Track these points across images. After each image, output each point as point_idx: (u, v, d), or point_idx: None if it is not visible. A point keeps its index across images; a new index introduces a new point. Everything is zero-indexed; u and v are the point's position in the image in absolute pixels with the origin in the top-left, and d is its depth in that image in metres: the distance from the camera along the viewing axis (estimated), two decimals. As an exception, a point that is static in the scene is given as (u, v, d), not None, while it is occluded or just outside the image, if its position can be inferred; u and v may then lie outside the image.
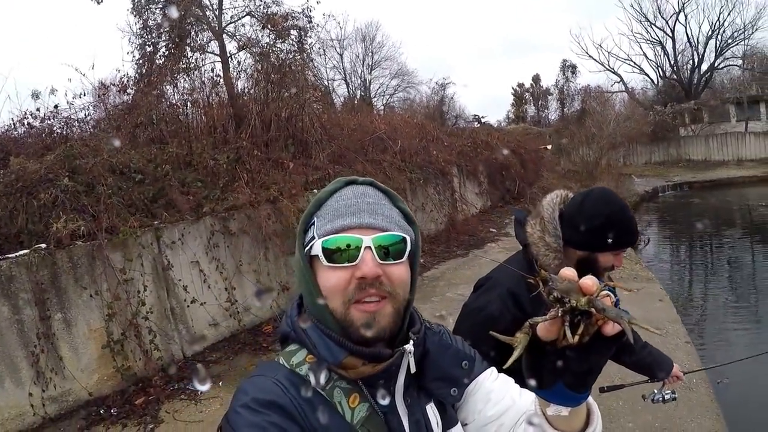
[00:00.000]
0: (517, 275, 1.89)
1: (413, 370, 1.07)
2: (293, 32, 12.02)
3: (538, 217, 2.01)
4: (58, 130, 8.12)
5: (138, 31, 12.32)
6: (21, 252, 5.19)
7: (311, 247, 1.05)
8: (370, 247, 1.01)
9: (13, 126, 8.14)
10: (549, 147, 22.41)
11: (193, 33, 11.91)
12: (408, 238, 1.06)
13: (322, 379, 1.00)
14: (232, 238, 6.86)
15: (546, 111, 56.52)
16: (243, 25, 12.83)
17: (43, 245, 5.31)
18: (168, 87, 10.04)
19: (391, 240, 1.03)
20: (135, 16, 12.39)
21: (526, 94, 57.12)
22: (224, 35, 12.28)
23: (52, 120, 8.21)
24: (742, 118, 31.54)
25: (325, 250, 1.02)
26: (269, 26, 11.39)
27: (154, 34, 12.12)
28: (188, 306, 6.25)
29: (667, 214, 18.69)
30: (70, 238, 5.41)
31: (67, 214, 5.54)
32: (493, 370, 1.25)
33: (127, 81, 10.11)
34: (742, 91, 32.72)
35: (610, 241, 1.83)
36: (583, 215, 1.93)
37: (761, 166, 24.97)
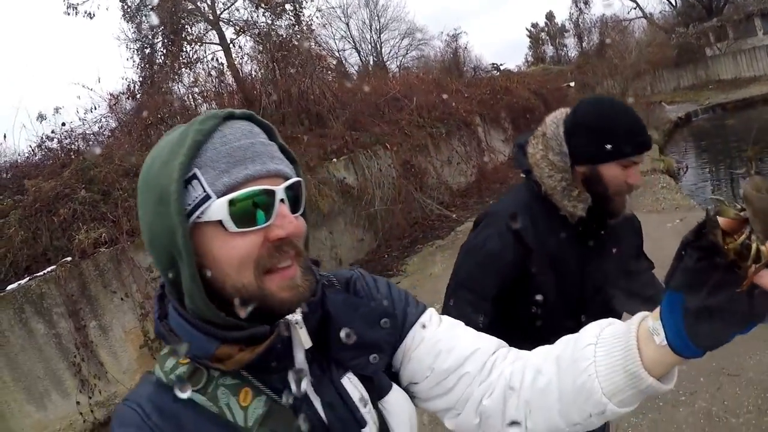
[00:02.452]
0: (516, 207, 1.68)
1: (306, 344, 0.85)
2: (288, 6, 11.75)
3: (541, 136, 1.75)
4: (75, 147, 8.20)
5: (133, 36, 12.36)
6: (48, 269, 5.23)
7: (204, 211, 0.77)
8: (283, 200, 0.80)
9: (33, 152, 8.29)
10: (572, 84, 21.67)
11: (188, 26, 11.76)
12: (302, 183, 0.87)
13: (199, 381, 0.80)
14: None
15: (564, 49, 54.89)
16: (237, 9, 12.66)
17: (69, 258, 5.35)
18: (173, 84, 10.08)
19: (295, 188, 0.83)
20: (128, 22, 12.48)
21: (542, 33, 55.53)
22: (220, 23, 12.10)
23: (69, 138, 8.35)
24: (768, 30, 30.05)
25: (235, 211, 0.77)
26: (262, 4, 11.16)
27: (149, 36, 12.08)
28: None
29: (702, 138, 17.93)
30: (94, 247, 5.46)
31: (87, 225, 5.63)
32: (432, 313, 1.04)
33: (134, 86, 10.20)
34: (767, 1, 31.11)
35: (608, 148, 1.57)
36: (577, 123, 1.68)
37: None
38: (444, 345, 0.97)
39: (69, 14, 11.91)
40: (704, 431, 3.16)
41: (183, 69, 10.53)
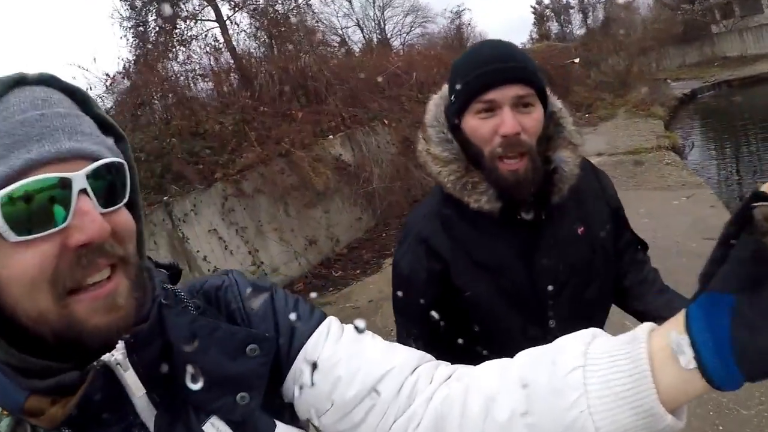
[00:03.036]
0: (427, 214, 1.37)
1: (137, 392, 0.65)
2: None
3: (421, 126, 1.41)
4: None
5: (127, 14, 12.11)
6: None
7: None
8: (85, 190, 0.59)
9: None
10: (577, 60, 21.39)
11: (182, 2, 11.53)
12: (126, 165, 0.66)
13: None
14: (247, 200, 6.59)
15: (570, 26, 54.36)
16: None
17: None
18: (168, 62, 9.89)
19: (109, 172, 0.62)
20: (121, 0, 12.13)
21: (546, 10, 55.05)
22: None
23: None
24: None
25: (12, 213, 0.56)
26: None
27: (143, 13, 11.87)
28: (213, 276, 6.08)
29: (708, 115, 17.67)
30: None
31: None
32: (331, 324, 0.80)
33: (129, 66, 10.02)
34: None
35: (458, 88, 1.23)
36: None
37: None
38: (345, 368, 0.74)
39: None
40: (714, 423, 2.98)
41: (178, 47, 10.32)
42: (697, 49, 30.30)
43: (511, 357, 0.70)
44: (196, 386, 0.66)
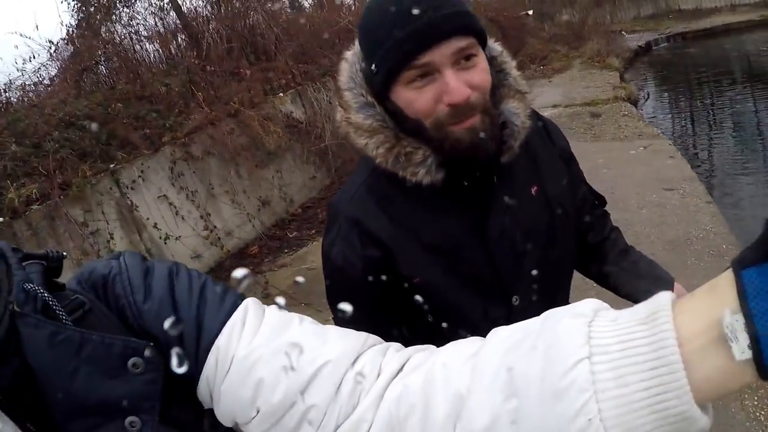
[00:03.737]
0: (356, 193, 1.14)
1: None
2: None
3: (336, 91, 1.21)
4: (11, 100, 7.76)
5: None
6: (-24, 232, 4.94)
7: None
8: None
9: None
10: (530, 12, 21.31)
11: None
12: None
13: None
14: (197, 163, 6.42)
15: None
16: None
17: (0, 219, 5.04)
18: (111, 25, 9.52)
19: None
20: (56, -40, 11.53)
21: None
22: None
23: (9, 91, 7.86)
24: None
25: None
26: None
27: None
28: (165, 243, 5.94)
29: (662, 67, 17.81)
30: (26, 205, 5.14)
31: (18, 182, 5.30)
32: (249, 308, 0.66)
33: (72, 31, 9.60)
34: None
35: (379, 54, 1.00)
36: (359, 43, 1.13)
37: (757, 10, 23.51)
38: (267, 367, 0.61)
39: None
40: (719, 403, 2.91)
41: (121, 8, 9.90)
42: (652, 1, 30.48)
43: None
44: (63, 414, 0.54)
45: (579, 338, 0.45)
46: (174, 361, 0.59)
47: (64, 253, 0.68)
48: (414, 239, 1.10)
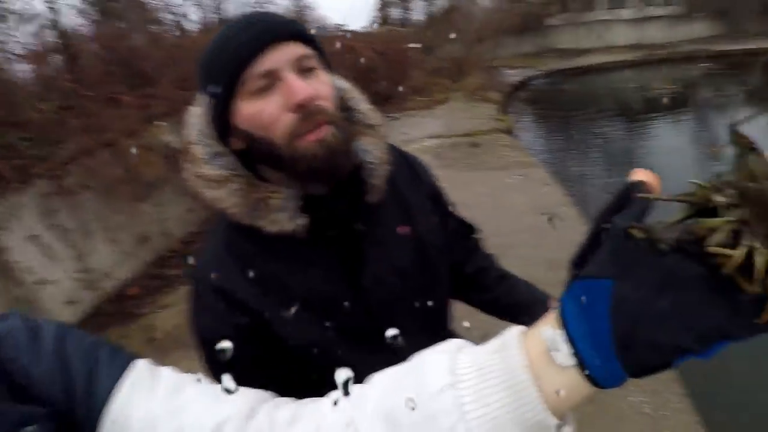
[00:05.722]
0: (214, 256, 1.03)
1: None
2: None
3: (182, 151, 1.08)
4: None
5: None
6: None
7: None
8: None
9: None
10: (418, 45, 22.13)
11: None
12: None
13: None
14: (72, 198, 5.99)
15: (411, 11, 56.53)
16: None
17: None
18: None
19: None
20: None
21: (390, -5, 56.37)
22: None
23: None
24: (609, 6, 32.73)
25: None
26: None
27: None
28: (37, 289, 5.46)
29: (540, 101, 19.14)
30: None
31: None
32: (140, 371, 0.63)
33: None
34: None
35: (216, 74, 0.93)
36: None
37: (630, 52, 26.22)
38: (165, 429, 0.60)
39: None
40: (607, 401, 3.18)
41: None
42: (532, 39, 32.56)
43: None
44: None
45: (443, 369, 0.52)
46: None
47: None
48: (282, 298, 1.00)
